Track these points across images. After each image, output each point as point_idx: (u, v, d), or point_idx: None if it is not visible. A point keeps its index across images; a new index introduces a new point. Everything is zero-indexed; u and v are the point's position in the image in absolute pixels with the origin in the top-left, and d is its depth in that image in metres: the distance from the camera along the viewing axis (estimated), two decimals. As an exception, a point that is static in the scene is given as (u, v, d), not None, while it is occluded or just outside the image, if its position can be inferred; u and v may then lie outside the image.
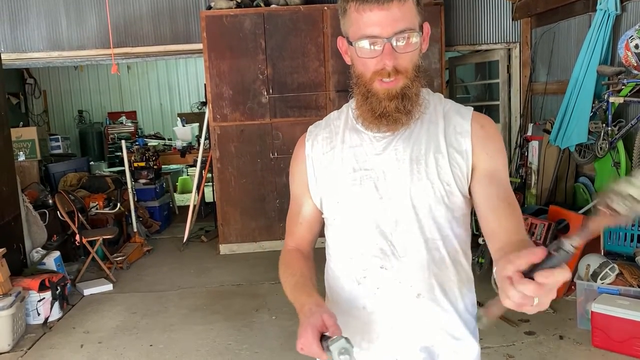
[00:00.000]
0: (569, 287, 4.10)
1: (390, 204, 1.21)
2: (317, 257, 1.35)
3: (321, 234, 1.38)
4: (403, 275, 1.22)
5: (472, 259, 1.36)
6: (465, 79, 7.52)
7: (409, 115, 1.19)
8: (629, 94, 4.03)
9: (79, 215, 5.28)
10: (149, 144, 8.45)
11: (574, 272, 3.92)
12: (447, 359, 1.27)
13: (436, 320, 1.25)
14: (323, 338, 1.05)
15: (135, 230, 6.00)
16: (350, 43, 1.17)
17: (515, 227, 1.12)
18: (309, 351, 1.05)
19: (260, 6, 5.57)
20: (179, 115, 10.30)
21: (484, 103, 6.93)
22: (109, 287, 4.84)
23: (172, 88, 11.15)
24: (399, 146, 1.22)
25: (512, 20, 6.10)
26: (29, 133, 6.78)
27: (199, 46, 5.72)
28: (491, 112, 6.72)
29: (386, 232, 1.21)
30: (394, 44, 1.11)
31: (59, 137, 8.48)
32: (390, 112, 1.17)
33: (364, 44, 1.13)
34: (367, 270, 1.24)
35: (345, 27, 1.19)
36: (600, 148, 4.30)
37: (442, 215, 1.21)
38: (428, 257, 1.22)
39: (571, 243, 0.84)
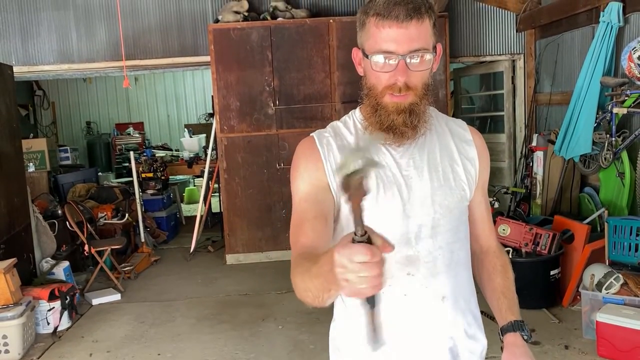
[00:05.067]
0: (574, 297, 4.11)
1: (413, 211, 1.25)
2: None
3: None
4: (429, 280, 1.26)
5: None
6: (470, 90, 7.57)
7: (414, 130, 1.24)
8: (632, 104, 4.06)
9: (88, 225, 5.34)
10: (156, 155, 8.53)
11: (579, 282, 3.94)
12: (466, 358, 1.33)
13: (458, 321, 1.31)
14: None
15: (142, 240, 6.05)
16: (365, 55, 1.21)
17: (492, 233, 1.43)
18: (354, 265, 0.81)
19: (267, 19, 5.65)
20: (186, 126, 10.41)
21: (489, 114, 6.97)
22: (117, 296, 4.88)
23: (179, 99, 11.27)
24: (416, 155, 1.27)
25: (517, 31, 6.15)
26: (39, 144, 6.88)
27: (207, 58, 5.80)
28: (496, 123, 6.76)
29: (411, 238, 1.25)
30: (408, 61, 1.16)
31: (68, 148, 8.57)
32: (397, 126, 1.21)
33: (379, 58, 1.17)
34: (393, 278, 1.24)
35: (362, 39, 1.23)
36: (605, 158, 4.33)
37: (457, 219, 1.29)
38: (449, 260, 1.28)
39: (356, 232, 0.86)
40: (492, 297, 1.35)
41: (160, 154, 9.28)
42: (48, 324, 4.14)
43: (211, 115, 7.41)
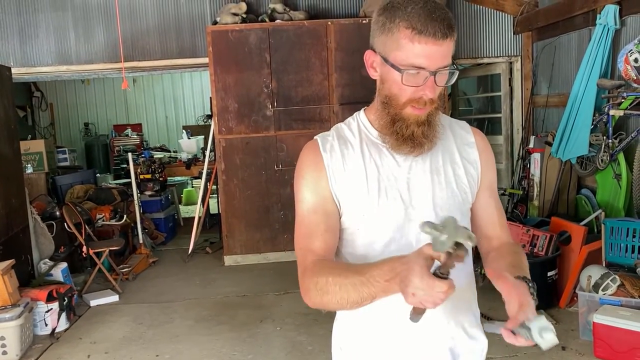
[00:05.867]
0: (571, 299, 4.13)
1: (415, 213, 1.26)
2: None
3: None
4: None
5: (475, 270, 1.43)
6: (468, 92, 7.59)
7: (431, 142, 1.25)
8: (629, 107, 4.08)
9: (86, 226, 5.34)
10: (154, 156, 8.53)
11: (576, 283, 3.95)
12: (466, 358, 1.34)
13: (459, 322, 1.32)
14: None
15: (140, 241, 6.06)
16: (389, 63, 1.19)
17: (505, 232, 1.39)
18: (429, 290, 0.98)
19: (265, 21, 5.67)
20: (184, 127, 10.40)
21: (487, 115, 6.99)
22: (115, 298, 4.89)
23: (177, 101, 11.27)
24: (418, 158, 1.28)
25: (514, 34, 6.18)
26: (37, 146, 6.87)
27: (205, 60, 5.81)
28: (493, 125, 6.78)
29: (412, 241, 1.25)
30: (437, 77, 1.17)
31: (66, 149, 8.56)
32: (416, 137, 1.22)
33: (410, 72, 1.16)
34: None
35: (385, 46, 1.19)
36: (601, 160, 4.35)
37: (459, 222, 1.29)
38: None
39: (441, 270, 1.02)
40: (499, 268, 1.26)
41: (158, 155, 9.29)
42: (46, 325, 4.14)
43: (209, 116, 7.42)
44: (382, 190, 1.26)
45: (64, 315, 4.22)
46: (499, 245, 1.38)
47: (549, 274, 4.12)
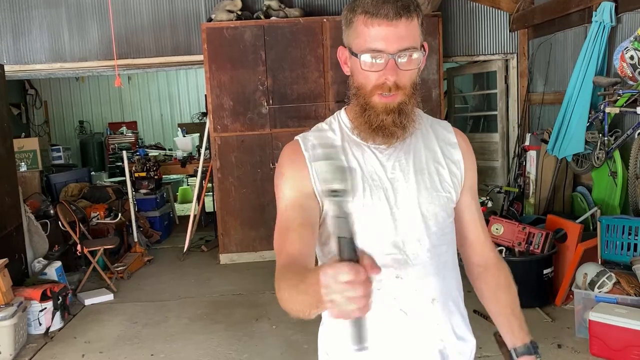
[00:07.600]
0: (567, 296, 4.13)
1: (400, 214, 1.24)
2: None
3: None
4: (418, 282, 1.25)
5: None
6: (464, 89, 7.58)
7: (404, 130, 1.22)
8: (624, 104, 4.08)
9: (80, 225, 5.31)
10: (149, 154, 8.49)
11: (572, 280, 3.95)
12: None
13: (448, 322, 1.30)
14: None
15: (135, 240, 6.02)
16: (353, 54, 1.20)
17: (486, 236, 1.39)
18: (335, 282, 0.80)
19: (261, 18, 5.64)
20: (180, 125, 10.37)
21: (482, 113, 6.99)
22: (109, 297, 4.86)
23: (172, 99, 11.22)
24: (402, 158, 1.26)
25: (510, 31, 6.17)
26: (31, 144, 6.84)
27: (200, 57, 5.78)
28: (489, 122, 6.78)
29: (398, 241, 1.24)
30: (397, 60, 1.15)
31: (60, 147, 8.53)
32: (387, 126, 1.20)
33: (368, 57, 1.16)
34: (382, 282, 1.23)
35: (349, 38, 1.21)
36: (597, 158, 4.35)
37: (444, 222, 1.28)
38: (438, 262, 1.27)
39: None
40: (501, 315, 1.37)
41: (153, 153, 9.24)
42: (40, 324, 4.11)
43: (204, 114, 7.39)
44: (366, 190, 1.24)
45: (58, 314, 4.20)
46: (485, 265, 1.38)
47: (545, 271, 4.12)
